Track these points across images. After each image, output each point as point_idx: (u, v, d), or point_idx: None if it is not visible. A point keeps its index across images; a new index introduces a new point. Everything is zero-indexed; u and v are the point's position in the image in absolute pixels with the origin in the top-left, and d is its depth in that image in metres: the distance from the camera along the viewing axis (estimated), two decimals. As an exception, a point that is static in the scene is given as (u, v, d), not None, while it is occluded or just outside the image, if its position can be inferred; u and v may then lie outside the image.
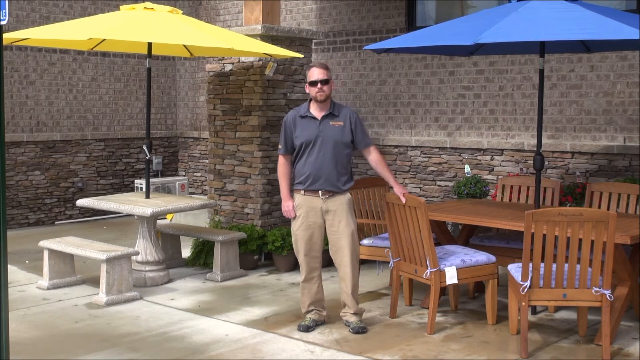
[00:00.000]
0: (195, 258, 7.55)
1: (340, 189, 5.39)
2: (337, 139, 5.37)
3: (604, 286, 4.76)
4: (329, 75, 5.40)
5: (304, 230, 5.41)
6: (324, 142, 5.35)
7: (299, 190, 5.43)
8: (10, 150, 9.61)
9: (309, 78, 5.39)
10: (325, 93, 5.35)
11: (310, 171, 5.36)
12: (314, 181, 5.35)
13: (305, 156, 5.39)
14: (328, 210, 5.38)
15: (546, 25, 5.04)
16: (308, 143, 5.37)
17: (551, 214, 4.73)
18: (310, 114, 5.41)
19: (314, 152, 5.36)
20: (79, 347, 5.09)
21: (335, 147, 5.36)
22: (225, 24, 10.87)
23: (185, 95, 11.68)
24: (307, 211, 5.39)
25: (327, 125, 5.38)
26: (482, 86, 8.22)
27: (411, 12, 8.80)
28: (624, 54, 7.21)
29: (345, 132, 5.41)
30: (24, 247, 8.38)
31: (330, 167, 5.35)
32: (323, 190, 5.36)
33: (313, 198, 5.38)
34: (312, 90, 5.37)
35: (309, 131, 5.38)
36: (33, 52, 9.85)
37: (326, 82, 5.35)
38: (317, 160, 5.35)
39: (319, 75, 5.35)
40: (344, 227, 5.37)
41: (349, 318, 5.48)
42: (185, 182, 11.08)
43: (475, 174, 7.98)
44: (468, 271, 5.43)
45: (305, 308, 5.54)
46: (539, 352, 4.96)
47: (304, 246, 5.42)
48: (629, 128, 7.22)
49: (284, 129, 5.47)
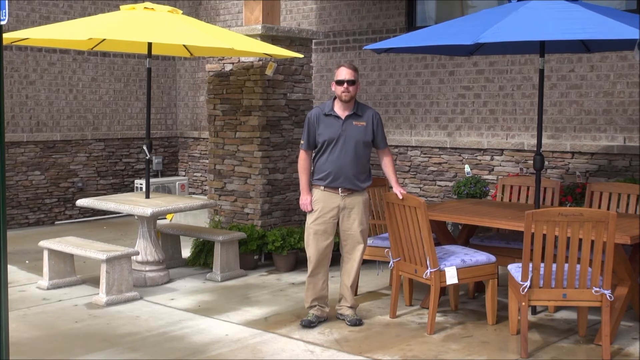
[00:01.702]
0: (195, 258, 7.55)
1: (359, 187, 5.48)
2: (359, 139, 5.44)
3: (604, 286, 4.76)
4: (356, 77, 5.44)
5: (318, 225, 5.47)
6: (346, 141, 5.42)
7: (318, 186, 5.49)
8: (10, 150, 9.61)
9: (337, 77, 5.42)
10: (350, 94, 5.40)
11: (331, 169, 5.42)
12: (334, 179, 5.42)
13: (327, 154, 5.45)
14: (345, 207, 5.46)
15: (546, 25, 5.04)
16: (331, 141, 5.43)
17: (551, 214, 4.73)
18: (334, 113, 5.46)
19: (336, 150, 5.42)
20: (79, 347, 5.09)
21: (357, 146, 5.43)
22: (225, 24, 10.87)
23: (185, 95, 11.68)
24: (324, 207, 5.46)
25: (350, 124, 5.44)
26: (482, 86, 8.22)
27: (411, 12, 8.81)
28: (624, 54, 7.21)
29: (368, 132, 5.48)
30: (24, 247, 8.37)
31: (351, 165, 5.42)
32: (343, 188, 5.44)
33: (332, 195, 5.45)
34: (338, 89, 5.41)
35: (332, 129, 5.43)
36: (33, 52, 9.85)
37: (353, 83, 5.40)
38: (339, 159, 5.41)
39: (346, 75, 5.39)
40: (358, 224, 5.48)
41: (345, 311, 5.59)
42: (185, 182, 11.08)
43: (475, 174, 7.98)
44: (468, 271, 5.44)
45: (308, 303, 5.60)
46: (539, 352, 4.96)
47: (316, 240, 5.47)
48: (629, 128, 7.21)
49: (308, 125, 5.52)
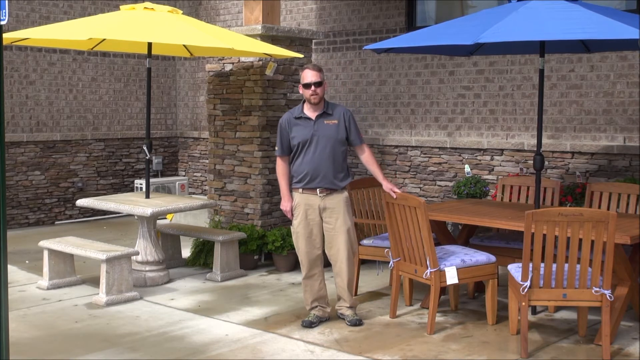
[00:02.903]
0: (195, 258, 7.55)
1: (337, 186, 5.47)
2: (333, 137, 5.44)
3: (604, 286, 4.76)
4: (322, 77, 5.45)
5: (303, 228, 5.48)
6: (319, 140, 5.42)
7: (297, 188, 5.51)
8: (10, 150, 9.61)
9: (303, 80, 5.45)
10: (318, 95, 5.42)
11: (307, 170, 5.43)
12: (311, 179, 5.43)
13: (302, 155, 5.46)
14: (326, 208, 5.46)
15: (546, 25, 5.04)
16: (304, 142, 5.44)
17: (551, 214, 4.73)
18: (305, 115, 5.49)
19: (310, 150, 5.43)
20: (79, 347, 5.09)
21: (330, 145, 5.43)
22: (225, 24, 10.87)
23: (185, 95, 11.68)
24: (305, 209, 5.47)
25: (322, 124, 5.45)
26: (482, 86, 8.22)
27: (411, 12, 8.80)
28: (624, 54, 7.20)
29: (340, 129, 5.48)
30: (24, 247, 8.37)
31: (327, 164, 5.42)
32: (321, 188, 5.44)
33: (311, 196, 5.46)
34: (306, 92, 5.43)
35: (304, 131, 5.45)
36: (33, 52, 9.84)
37: (319, 85, 5.42)
38: (313, 159, 5.42)
39: (312, 78, 5.40)
40: (340, 224, 5.45)
41: (344, 311, 5.59)
42: (185, 182, 11.08)
43: (475, 174, 7.98)
44: (468, 271, 5.44)
45: (308, 305, 5.61)
46: (539, 352, 4.96)
47: (304, 243, 5.49)
48: (629, 128, 7.21)
49: (280, 131, 5.55)
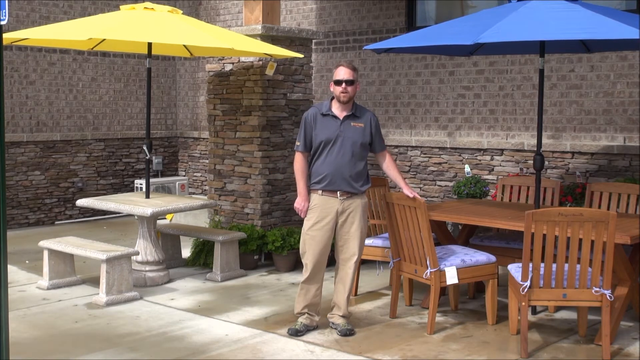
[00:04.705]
0: (195, 258, 7.55)
1: (358, 190, 5.27)
2: (357, 140, 5.25)
3: (604, 286, 4.76)
4: (355, 77, 5.25)
5: (316, 231, 5.25)
6: (344, 142, 5.22)
7: (316, 190, 5.28)
8: (10, 150, 9.61)
9: (335, 76, 5.23)
10: (349, 94, 5.22)
11: (328, 171, 5.22)
12: (332, 182, 5.22)
13: (324, 155, 5.24)
14: (344, 211, 5.25)
15: (546, 25, 5.04)
16: (328, 142, 5.22)
17: (551, 214, 4.73)
18: (332, 113, 5.27)
19: (333, 151, 5.22)
20: (79, 347, 5.09)
21: (355, 148, 5.24)
22: (225, 24, 10.87)
23: (185, 95, 11.68)
24: (322, 212, 5.25)
25: (348, 125, 5.25)
26: (482, 86, 8.22)
27: (411, 12, 8.80)
28: (624, 54, 7.21)
29: (366, 134, 5.30)
30: (24, 247, 8.37)
31: (349, 167, 5.22)
32: (341, 191, 5.24)
33: (330, 199, 5.24)
34: (336, 89, 5.23)
35: (329, 130, 5.23)
36: (33, 52, 9.84)
37: (351, 83, 5.22)
38: (336, 160, 5.21)
39: (345, 75, 5.20)
40: (355, 229, 5.27)
41: (337, 320, 5.38)
42: (185, 182, 11.08)
43: (475, 174, 7.98)
44: (468, 271, 5.43)
45: (298, 310, 5.39)
46: (539, 352, 4.96)
47: (313, 247, 5.26)
48: (629, 128, 7.21)
49: (304, 125, 5.30)
